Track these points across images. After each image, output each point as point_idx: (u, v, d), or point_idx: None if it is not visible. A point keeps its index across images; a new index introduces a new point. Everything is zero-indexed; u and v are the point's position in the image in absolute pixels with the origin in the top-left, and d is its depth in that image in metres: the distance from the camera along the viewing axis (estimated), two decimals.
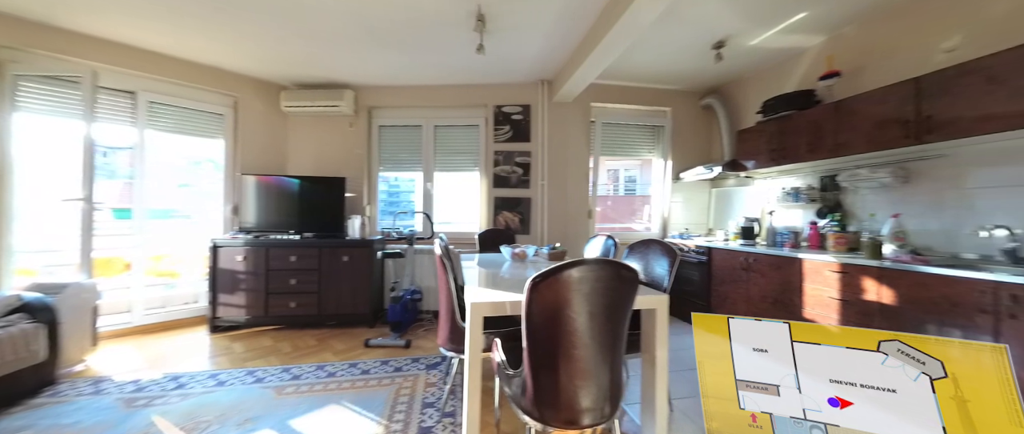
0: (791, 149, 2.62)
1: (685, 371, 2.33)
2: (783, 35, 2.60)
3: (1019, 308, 1.42)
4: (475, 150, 3.55)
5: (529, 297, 1.07)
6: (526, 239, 3.43)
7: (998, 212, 1.80)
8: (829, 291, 2.12)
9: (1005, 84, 1.61)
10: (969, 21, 1.94)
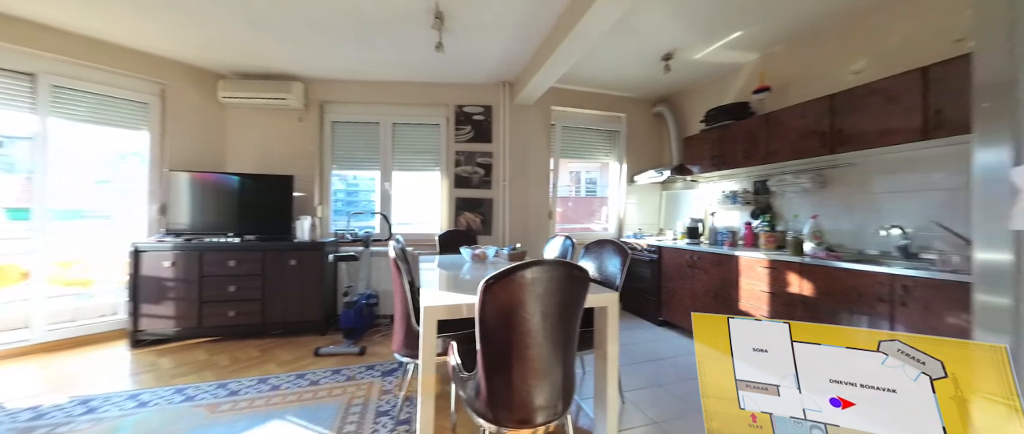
0: (729, 156, 2.85)
1: (636, 364, 2.45)
2: (722, 51, 2.82)
3: (909, 296, 1.65)
4: (436, 149, 3.49)
5: (482, 299, 1.07)
6: (488, 240, 3.43)
7: (896, 214, 2.09)
8: (760, 285, 2.33)
9: (900, 103, 1.87)
10: (872, 47, 2.22)
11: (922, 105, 1.78)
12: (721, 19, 2.40)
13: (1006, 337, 0.64)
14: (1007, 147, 0.63)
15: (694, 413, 1.85)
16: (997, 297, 0.65)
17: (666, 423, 1.78)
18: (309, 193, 3.30)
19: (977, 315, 0.66)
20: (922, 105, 1.78)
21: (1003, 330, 0.64)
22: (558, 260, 1.13)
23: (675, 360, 2.53)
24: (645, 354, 2.64)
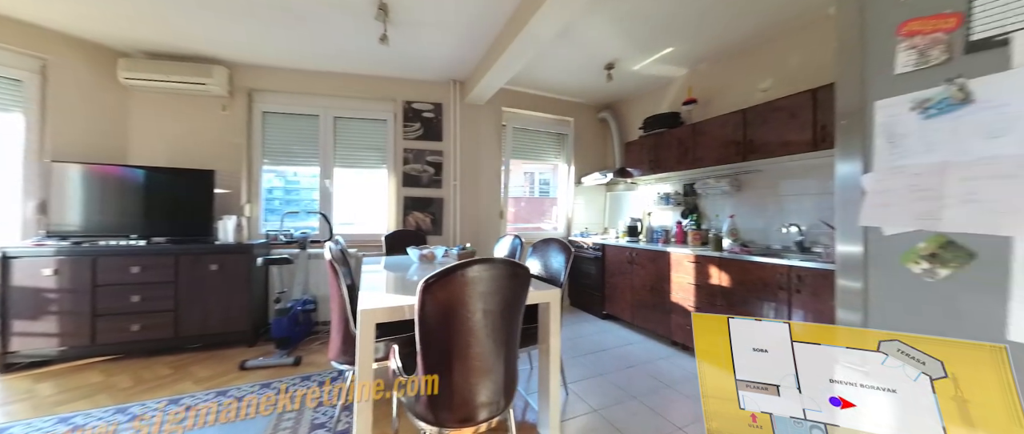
0: (663, 160, 3.11)
1: (581, 356, 2.57)
2: (657, 65, 3.07)
3: (802, 285, 1.94)
4: (383, 146, 3.35)
5: (422, 299, 1.06)
6: (438, 240, 3.37)
7: (795, 214, 2.43)
8: (688, 278, 2.57)
9: (798, 118, 2.18)
10: (776, 68, 2.57)
11: (813, 121, 2.10)
12: (655, 36, 2.61)
13: (858, 313, 0.78)
14: (859, 159, 0.77)
15: (631, 399, 2.00)
16: (853, 281, 0.79)
17: (605, 410, 1.89)
18: (235, 190, 2.99)
19: (838, 296, 0.80)
20: (813, 121, 2.10)
21: (857, 308, 0.79)
22: (500, 258, 1.16)
23: (616, 350, 2.70)
24: (590, 346, 2.78)
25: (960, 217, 0.62)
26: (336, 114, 3.24)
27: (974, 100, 0.62)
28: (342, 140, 3.27)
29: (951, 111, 0.64)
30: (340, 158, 3.27)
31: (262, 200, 3.14)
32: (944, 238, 0.65)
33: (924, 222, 0.66)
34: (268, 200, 3.24)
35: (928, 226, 0.66)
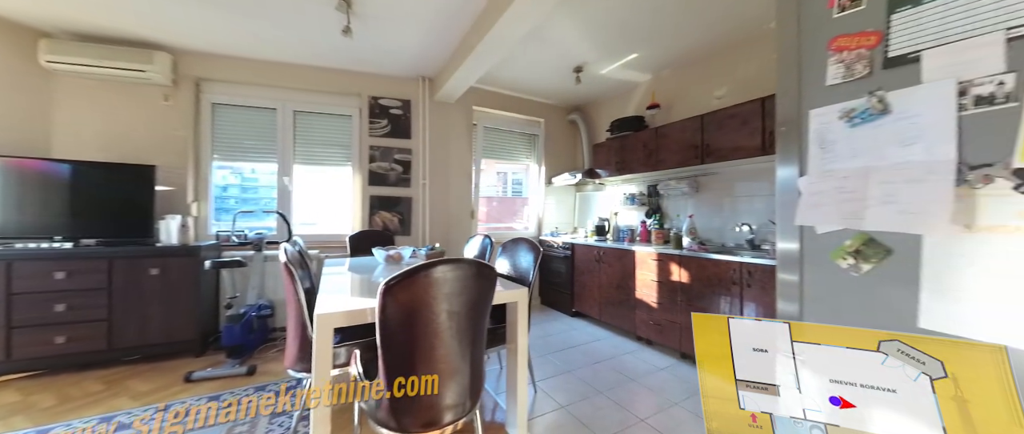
0: (629, 162, 3.22)
1: (550, 354, 2.61)
2: (623, 70, 3.17)
3: (752, 279, 2.07)
4: (347, 143, 3.22)
5: (383, 302, 1.02)
6: (406, 240, 3.29)
7: (747, 214, 2.59)
8: (651, 275, 2.68)
9: (749, 125, 2.32)
10: (731, 77, 2.72)
11: (762, 128, 2.25)
12: (620, 41, 2.69)
13: (795, 304, 0.84)
14: (796, 163, 0.83)
15: (597, 394, 2.05)
16: (791, 275, 0.85)
17: (572, 406, 1.93)
18: (180, 188, 2.75)
19: (779, 289, 0.86)
20: (762, 128, 2.25)
21: (794, 300, 0.85)
22: (465, 258, 1.15)
23: (584, 347, 2.76)
24: (559, 344, 2.82)
25: (879, 217, 0.69)
26: (296, 108, 3.07)
27: (891, 111, 0.68)
28: (302, 136, 3.11)
29: (872, 120, 0.71)
30: (300, 155, 3.11)
31: (212, 198, 2.92)
32: (866, 236, 0.71)
33: (850, 221, 0.73)
34: (222, 199, 3.01)
35: (853, 225, 0.72)
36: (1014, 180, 0.56)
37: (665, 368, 2.39)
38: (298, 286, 1.44)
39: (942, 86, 0.62)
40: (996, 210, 0.57)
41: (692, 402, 1.96)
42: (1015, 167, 0.56)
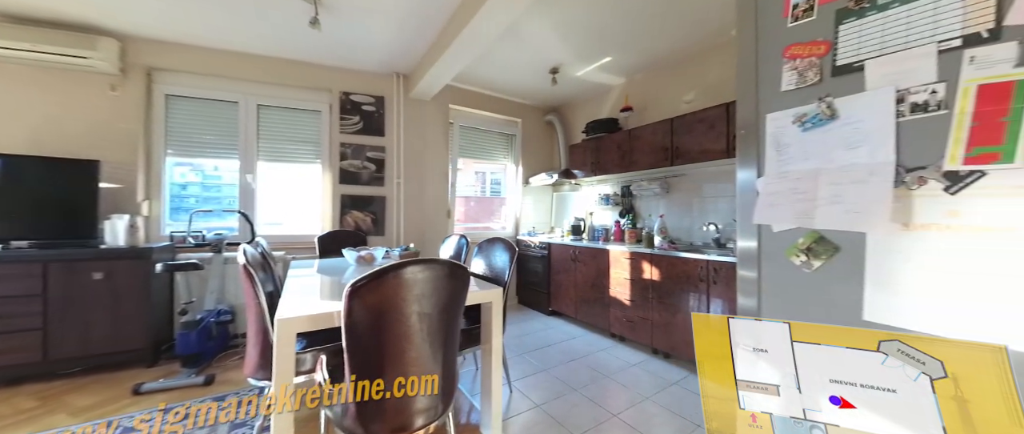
0: (604, 163, 3.28)
1: (526, 354, 2.61)
2: (598, 72, 3.22)
3: (718, 276, 2.16)
4: (316, 139, 3.09)
5: (349, 305, 0.98)
6: (380, 241, 3.20)
7: (713, 213, 2.70)
8: (624, 273, 2.74)
9: (715, 128, 2.42)
10: (698, 83, 2.83)
11: (727, 132, 2.35)
12: (594, 45, 2.74)
13: (753, 299, 0.88)
14: (755, 165, 0.87)
15: (572, 391, 2.07)
16: (749, 272, 0.88)
17: (547, 405, 1.94)
18: (129, 185, 2.55)
19: (739, 285, 0.90)
20: (727, 132, 2.35)
21: (752, 295, 0.88)
22: (437, 259, 1.12)
23: (561, 345, 2.78)
24: (535, 343, 2.83)
25: (828, 216, 0.73)
26: (260, 102, 2.92)
27: (839, 116, 0.73)
28: (267, 131, 2.96)
29: (822, 125, 0.75)
30: (265, 151, 2.95)
31: (165, 197, 2.72)
32: (817, 234, 0.75)
33: (802, 220, 0.76)
34: (180, 198, 2.82)
35: (805, 224, 0.76)
36: (944, 182, 0.61)
37: (637, 364, 2.45)
38: (259, 289, 1.36)
39: (883, 93, 0.67)
40: (929, 210, 0.62)
41: (663, 396, 2.02)
42: (945, 170, 0.60)
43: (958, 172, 0.59)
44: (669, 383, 2.18)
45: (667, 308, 2.44)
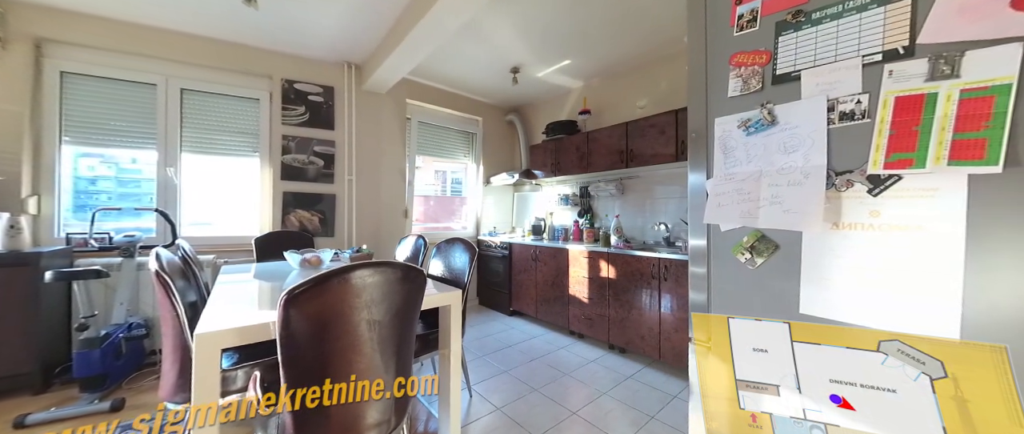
0: (563, 164, 3.33)
1: (487, 355, 2.57)
2: (557, 74, 3.27)
3: (668, 273, 2.27)
4: (254, 130, 2.80)
5: (285, 315, 0.88)
6: (329, 242, 2.98)
7: (663, 214, 2.84)
8: (583, 272, 2.80)
9: (666, 134, 2.55)
10: (651, 90, 2.97)
11: (676, 137, 2.48)
12: (554, 47, 2.77)
13: (703, 294, 0.91)
14: (704, 167, 0.90)
15: (532, 392, 2.06)
16: (699, 268, 0.92)
17: (508, 407, 1.91)
18: (12, 178, 2.13)
19: (690, 280, 0.93)
20: (676, 137, 2.48)
21: (702, 291, 0.92)
22: (388, 262, 1.05)
23: (521, 345, 2.78)
24: (496, 344, 2.80)
25: (769, 216, 0.77)
26: (184, 85, 2.58)
27: (778, 122, 0.77)
28: (194, 119, 2.62)
29: (763, 130, 0.79)
30: (191, 142, 2.62)
31: (61, 193, 2.30)
32: (759, 233, 0.79)
33: (746, 220, 0.80)
34: (88, 195, 2.40)
35: (749, 223, 0.80)
36: (868, 185, 0.66)
37: (595, 360, 2.51)
38: (176, 299, 1.19)
39: (816, 102, 0.72)
40: (854, 210, 0.67)
41: (619, 391, 2.08)
42: (869, 174, 0.66)
43: (879, 176, 0.65)
44: (625, 377, 2.25)
45: (623, 305, 2.53)
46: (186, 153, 2.60)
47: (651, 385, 2.16)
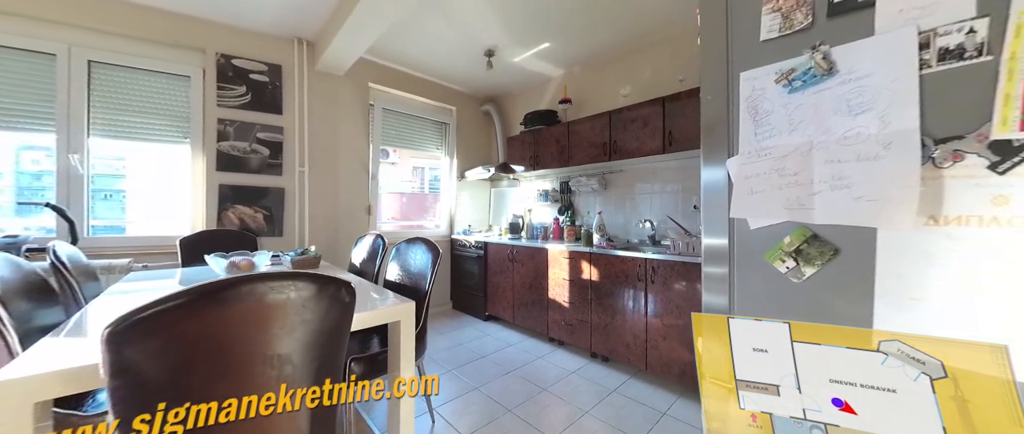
0: (543, 157, 3.08)
1: (458, 369, 2.28)
2: (536, 60, 3.01)
3: (656, 275, 2.06)
4: (183, 113, 2.39)
5: (113, 360, 0.58)
6: (277, 243, 2.61)
7: (647, 210, 2.64)
8: (563, 274, 2.56)
9: (649, 125, 2.34)
10: (633, 78, 2.76)
11: (662, 128, 2.28)
12: (531, 28, 2.50)
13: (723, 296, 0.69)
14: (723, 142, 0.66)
15: (506, 412, 1.80)
16: (718, 268, 0.69)
17: (478, 432, 1.65)
18: None
19: (705, 282, 0.70)
20: (662, 128, 2.28)
21: (722, 292, 0.71)
22: (300, 272, 0.76)
23: (496, 356, 2.51)
24: (468, 354, 2.52)
25: (831, 206, 0.54)
26: (93, 57, 2.15)
27: (837, 70, 0.54)
28: (106, 97, 2.20)
29: (814, 84, 0.56)
30: (102, 125, 2.19)
31: None
32: (807, 232, 0.56)
33: (795, 212, 0.57)
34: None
35: (800, 217, 0.57)
36: (989, 157, 0.43)
37: (576, 371, 2.28)
38: (6, 327, 0.85)
39: (900, 36, 0.49)
40: (967, 196, 0.45)
41: (604, 408, 1.86)
42: (992, 139, 0.43)
43: (1011, 142, 0.42)
44: (609, 391, 2.03)
45: (606, 309, 2.31)
46: (96, 137, 2.18)
47: (637, 400, 1.94)
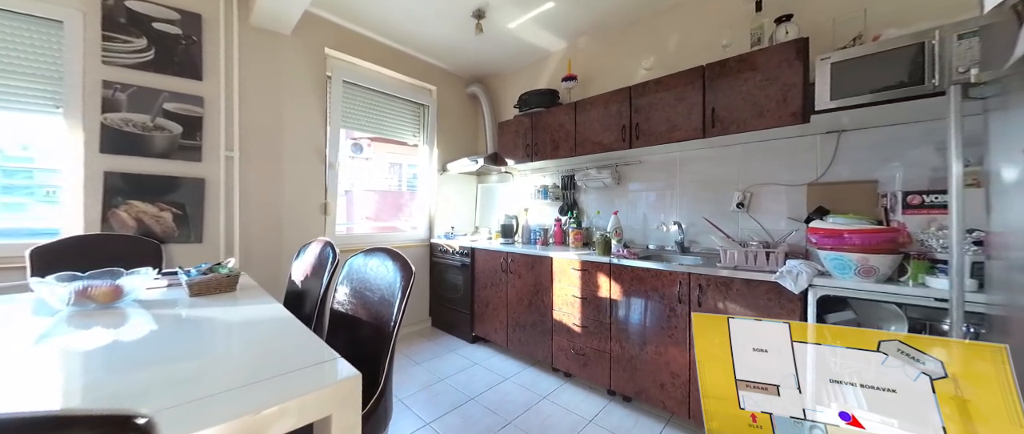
0: (541, 146, 2.55)
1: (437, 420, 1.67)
2: (534, 27, 2.49)
3: (704, 296, 1.58)
4: (53, 73, 1.70)
5: None
6: (193, 251, 1.96)
7: (674, 210, 2.17)
8: (573, 289, 2.05)
9: (685, 100, 1.86)
10: (657, 49, 2.29)
11: (702, 103, 1.80)
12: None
13: None
14: None
15: None
16: None
17: None
18: None
19: None
20: (702, 103, 1.80)
21: None
22: None
23: (487, 396, 1.96)
24: (451, 395, 1.96)
25: None
26: None
27: None
28: None
29: None
30: None
31: None
32: None
33: None
34: None
35: None
36: None
37: (593, 418, 1.76)
38: None
39: None
40: None
41: None
42: None
43: None
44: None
45: (632, 338, 1.81)
46: None
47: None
